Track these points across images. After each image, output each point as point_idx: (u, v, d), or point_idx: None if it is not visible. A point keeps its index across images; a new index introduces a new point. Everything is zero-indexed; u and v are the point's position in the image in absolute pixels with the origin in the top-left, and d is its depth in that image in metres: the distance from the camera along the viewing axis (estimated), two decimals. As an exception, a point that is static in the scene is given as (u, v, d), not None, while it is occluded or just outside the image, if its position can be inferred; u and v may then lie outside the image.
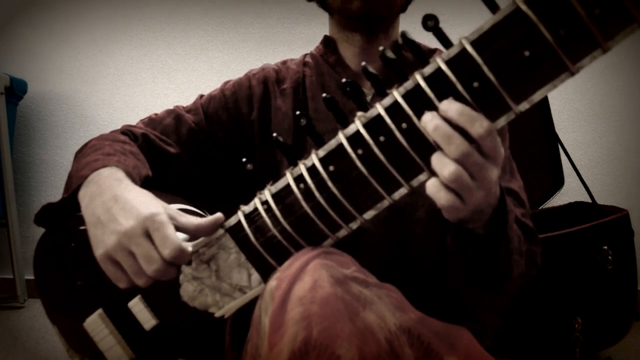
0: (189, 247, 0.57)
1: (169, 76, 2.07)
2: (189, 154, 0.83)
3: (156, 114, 0.87)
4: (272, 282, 0.52)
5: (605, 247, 1.27)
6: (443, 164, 0.47)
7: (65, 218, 0.70)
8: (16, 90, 1.93)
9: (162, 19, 2.07)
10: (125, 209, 0.57)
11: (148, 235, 0.55)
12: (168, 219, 0.56)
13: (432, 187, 0.48)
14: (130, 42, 2.08)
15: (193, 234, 0.59)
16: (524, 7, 0.43)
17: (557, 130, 1.64)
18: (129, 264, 0.56)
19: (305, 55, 0.90)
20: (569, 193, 1.78)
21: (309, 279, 0.49)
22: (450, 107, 0.46)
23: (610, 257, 1.27)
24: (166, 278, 0.57)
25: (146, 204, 0.57)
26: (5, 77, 1.86)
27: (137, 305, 0.65)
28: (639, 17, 0.40)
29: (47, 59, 2.10)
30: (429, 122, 0.47)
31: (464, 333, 0.53)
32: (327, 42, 0.86)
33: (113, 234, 0.56)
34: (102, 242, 0.57)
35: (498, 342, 0.83)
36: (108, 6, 2.07)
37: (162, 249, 0.55)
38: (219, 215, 0.60)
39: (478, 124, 0.46)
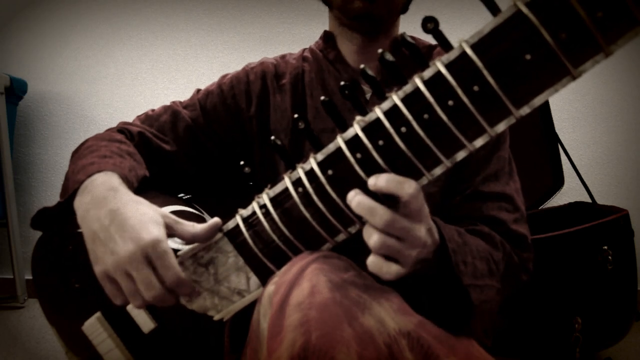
0: (192, 284, 0.58)
1: (169, 76, 2.07)
2: (185, 150, 0.83)
3: (153, 110, 0.86)
4: (270, 287, 0.52)
5: (605, 247, 1.27)
6: (369, 235, 0.50)
7: (62, 222, 0.69)
8: (16, 90, 1.92)
9: (162, 19, 2.06)
10: (123, 229, 0.56)
11: (149, 261, 0.55)
12: (169, 246, 0.56)
13: (374, 265, 0.51)
14: (130, 42, 2.08)
15: (190, 240, 0.59)
16: (525, 9, 0.42)
17: (557, 130, 1.64)
18: (126, 285, 0.56)
19: (304, 50, 0.89)
20: (569, 193, 1.78)
21: (307, 284, 0.48)
22: (379, 179, 0.49)
23: (610, 257, 1.26)
24: (164, 304, 0.57)
25: (145, 224, 0.56)
26: (5, 77, 1.86)
27: (135, 309, 0.64)
28: (643, 20, 0.39)
29: (47, 59, 2.10)
30: (352, 200, 0.50)
31: (464, 334, 0.52)
32: (327, 37, 0.85)
33: (112, 255, 0.55)
34: (101, 260, 0.57)
35: (498, 342, 0.83)
36: (108, 6, 2.07)
37: (164, 277, 0.55)
38: (215, 220, 0.59)
39: (407, 186, 0.48)
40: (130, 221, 0.56)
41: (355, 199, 0.50)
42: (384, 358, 0.45)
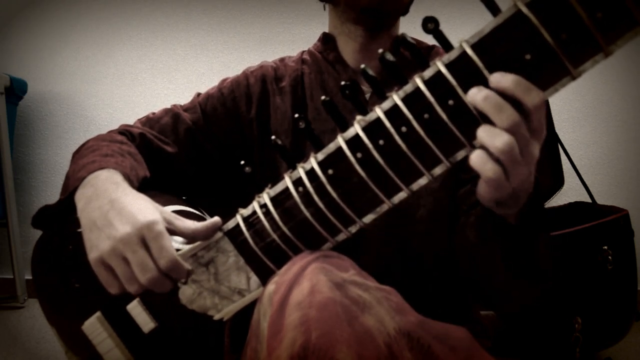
0: (187, 265, 0.58)
1: (169, 76, 2.07)
2: (186, 153, 0.83)
3: (153, 113, 0.87)
4: (271, 287, 0.52)
5: (605, 247, 1.27)
6: (494, 134, 0.45)
7: (63, 220, 0.70)
8: (16, 90, 1.92)
9: (162, 19, 2.06)
10: (121, 214, 0.56)
11: (144, 243, 0.55)
12: (165, 229, 0.56)
13: (478, 159, 0.46)
14: (130, 42, 2.08)
15: (190, 238, 0.59)
16: (525, 10, 0.42)
17: (557, 130, 1.64)
18: (122, 270, 0.56)
19: (303, 52, 0.89)
20: (569, 193, 1.78)
21: (307, 283, 0.49)
22: (505, 77, 0.44)
23: (610, 257, 1.26)
24: (159, 289, 0.57)
25: (143, 210, 0.57)
26: (5, 77, 1.86)
27: (135, 308, 0.64)
28: (642, 21, 0.39)
29: (47, 59, 2.10)
30: (478, 94, 0.45)
31: (464, 335, 0.52)
32: (327, 38, 0.85)
33: (108, 239, 0.56)
34: (96, 246, 0.57)
35: (498, 343, 0.83)
36: (108, 6, 2.07)
37: (158, 258, 0.55)
38: (216, 219, 0.60)
39: (535, 94, 0.44)
40: (128, 207, 0.57)
41: (482, 92, 0.45)
42: (383, 357, 0.44)
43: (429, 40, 0.63)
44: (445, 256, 0.76)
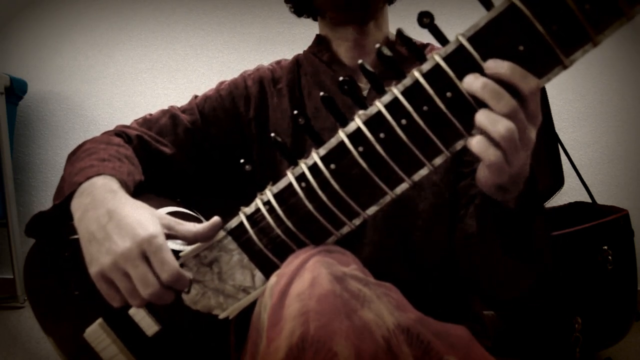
0: (189, 274, 0.58)
1: (169, 76, 2.07)
2: (185, 154, 0.83)
3: (151, 114, 0.86)
4: (272, 279, 0.53)
5: (605, 247, 1.27)
6: (495, 120, 0.45)
7: (58, 227, 0.69)
8: (16, 90, 1.93)
9: (162, 19, 2.07)
10: (120, 227, 0.56)
11: (145, 257, 0.55)
12: (165, 242, 0.56)
13: (479, 145, 0.47)
14: (130, 42, 2.08)
15: (192, 240, 0.59)
16: (517, 2, 0.44)
17: (557, 130, 1.64)
18: (124, 285, 0.56)
19: (298, 55, 0.90)
20: (569, 193, 1.78)
21: (308, 275, 0.49)
22: (501, 64, 0.45)
23: (610, 257, 1.27)
24: (162, 302, 0.56)
25: (142, 222, 0.56)
26: (5, 77, 1.86)
27: (138, 312, 0.64)
28: (627, 12, 0.42)
29: (47, 59, 2.10)
30: (475, 81, 0.46)
31: (463, 333, 0.52)
32: (320, 40, 0.86)
33: (108, 254, 0.55)
34: (96, 260, 0.56)
35: (498, 342, 0.83)
36: (108, 6, 2.07)
37: (160, 273, 0.54)
38: (216, 219, 0.59)
39: (530, 80, 0.45)
40: (127, 219, 0.56)
41: (479, 80, 0.45)
42: (381, 351, 0.45)
43: (424, 38, 0.64)
44: (446, 255, 0.76)
